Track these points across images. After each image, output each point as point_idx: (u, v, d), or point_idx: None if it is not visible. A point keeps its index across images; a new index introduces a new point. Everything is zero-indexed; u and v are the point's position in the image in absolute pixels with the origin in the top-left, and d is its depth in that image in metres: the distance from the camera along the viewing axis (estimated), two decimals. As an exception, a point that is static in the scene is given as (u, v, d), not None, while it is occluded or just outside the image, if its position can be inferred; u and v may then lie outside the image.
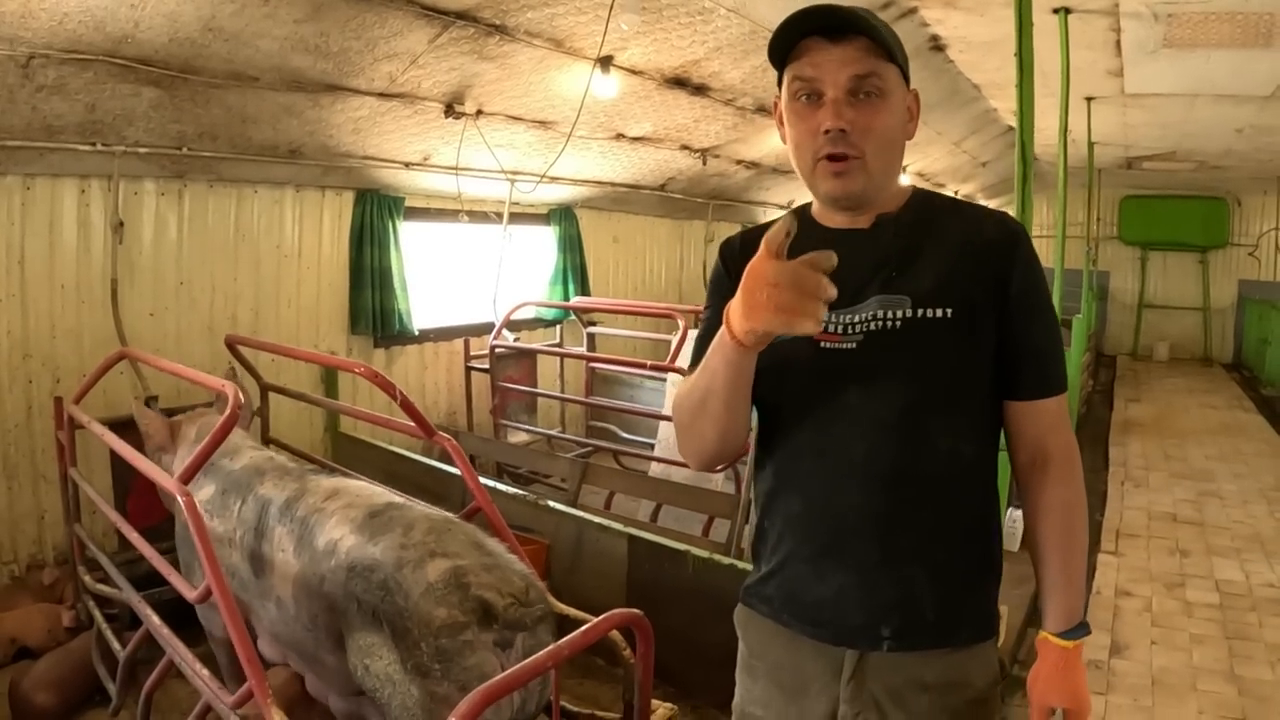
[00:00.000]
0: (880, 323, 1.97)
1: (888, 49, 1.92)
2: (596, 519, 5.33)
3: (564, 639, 2.47)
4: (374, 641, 3.00)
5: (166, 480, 3.18)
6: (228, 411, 3.23)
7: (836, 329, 1.99)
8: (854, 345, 1.98)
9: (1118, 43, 7.80)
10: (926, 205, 2.10)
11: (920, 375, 1.96)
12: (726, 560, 4.61)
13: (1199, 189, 18.08)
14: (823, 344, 2.01)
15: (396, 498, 3.57)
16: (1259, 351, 16.45)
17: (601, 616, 2.58)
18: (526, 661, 2.37)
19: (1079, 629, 2.02)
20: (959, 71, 9.14)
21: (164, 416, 4.47)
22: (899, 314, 1.96)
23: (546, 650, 2.41)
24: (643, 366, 7.54)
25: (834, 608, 2.05)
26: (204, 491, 3.87)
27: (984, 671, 2.08)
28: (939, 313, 1.94)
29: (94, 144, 5.61)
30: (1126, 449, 10.74)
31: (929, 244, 2.02)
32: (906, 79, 2.01)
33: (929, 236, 2.03)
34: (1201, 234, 18.97)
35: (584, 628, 2.54)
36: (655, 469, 7.44)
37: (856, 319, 1.99)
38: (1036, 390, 2.04)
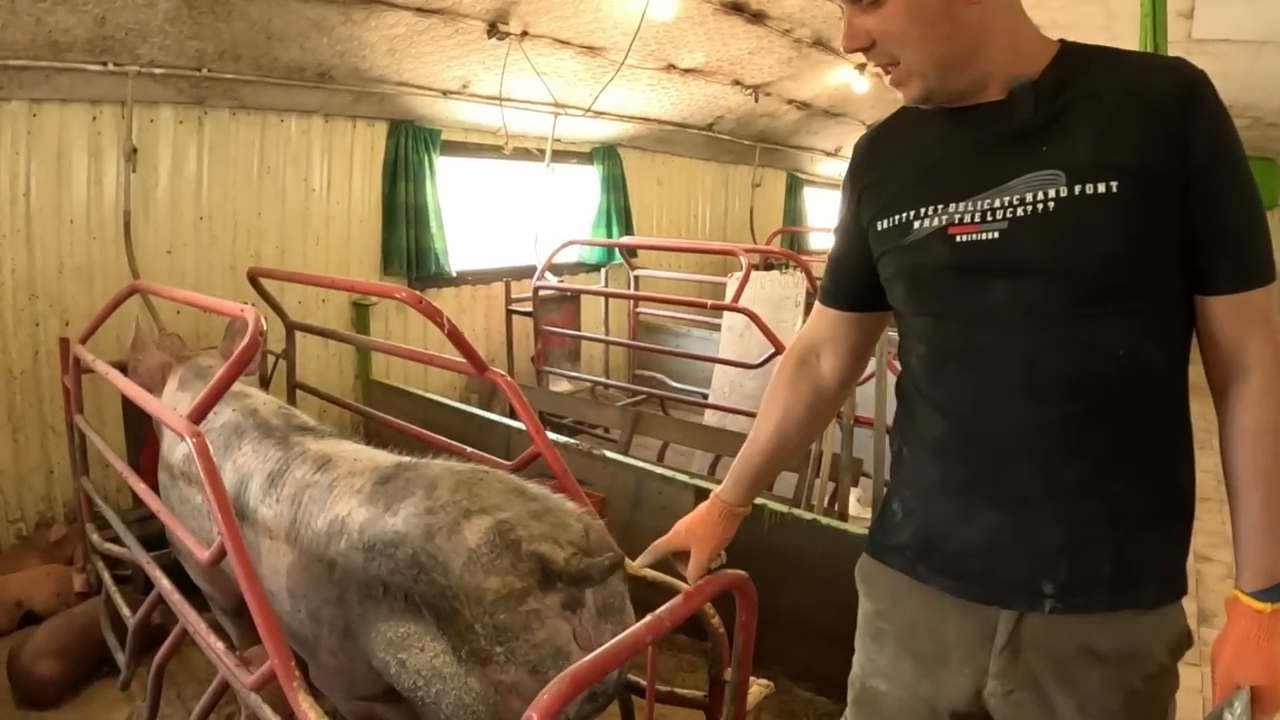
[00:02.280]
0: (1029, 206, 1.63)
1: None
2: (657, 470, 4.94)
3: (662, 608, 2.00)
4: (409, 631, 2.47)
5: (175, 419, 2.71)
6: (247, 338, 2.75)
7: (973, 217, 1.69)
8: (996, 235, 1.66)
9: (1194, -21, 7.31)
10: (1077, 61, 1.69)
11: (1082, 264, 1.61)
12: (808, 516, 4.26)
13: (1249, 149, 16.81)
14: (957, 237, 1.71)
15: (404, 457, 3.02)
16: (1309, 317, 15.85)
17: (703, 579, 2.13)
18: (621, 637, 1.90)
19: None
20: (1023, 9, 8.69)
21: (161, 353, 4.07)
22: (1051, 194, 1.61)
23: (644, 622, 1.94)
24: (703, 306, 7.06)
25: (984, 556, 1.74)
26: (180, 450, 3.45)
27: (1169, 639, 1.71)
28: (1101, 188, 1.58)
29: (105, 63, 5.23)
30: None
31: (1083, 106, 1.64)
32: None
33: (1082, 97, 1.65)
34: (1250, 195, 18.39)
35: (684, 593, 2.08)
36: (710, 418, 7.01)
37: (997, 204, 1.67)
38: (1231, 281, 1.62)
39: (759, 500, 4.23)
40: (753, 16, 7.73)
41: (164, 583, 3.19)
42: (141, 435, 4.93)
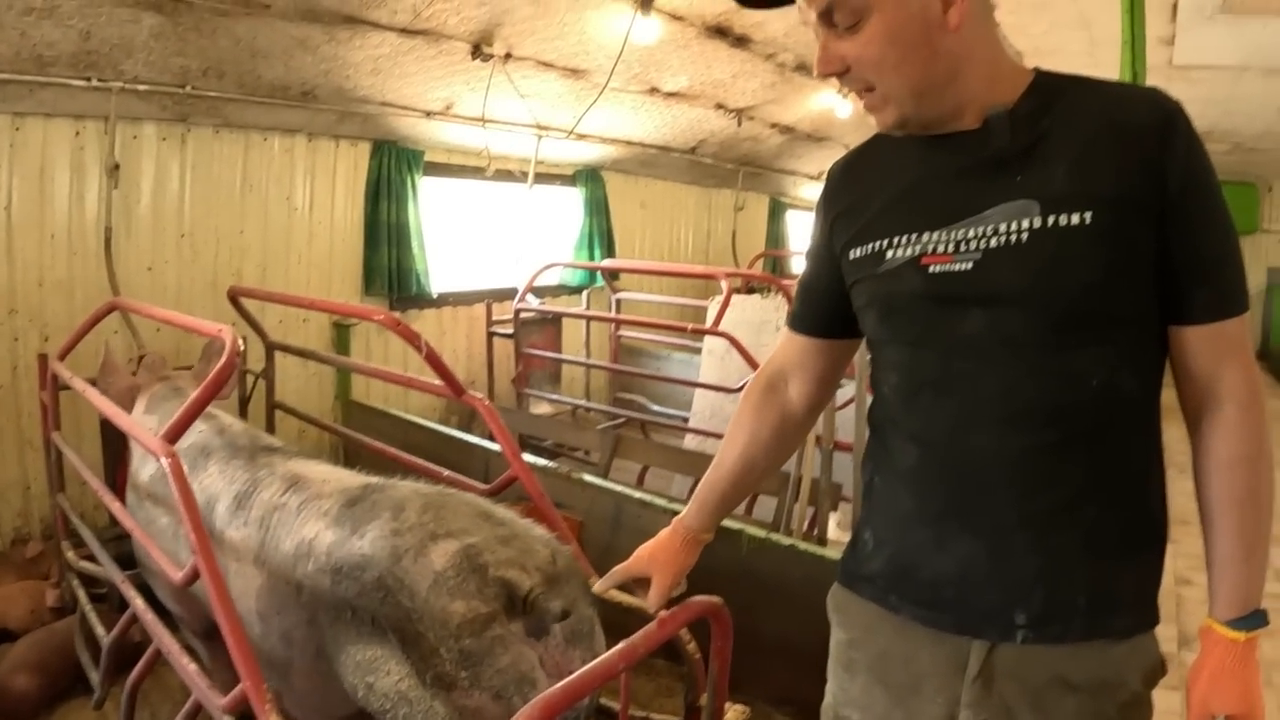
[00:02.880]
0: (1002, 237, 1.62)
1: None
2: (637, 494, 4.91)
3: (636, 634, 1.99)
4: (377, 655, 2.44)
5: (149, 438, 2.68)
6: (224, 359, 2.71)
7: (946, 248, 1.68)
8: (969, 265, 1.65)
9: (1174, 5, 7.31)
10: (1052, 90, 1.68)
11: (1057, 294, 1.60)
12: (786, 541, 4.24)
13: (1229, 173, 17.39)
14: (930, 267, 1.69)
15: (372, 478, 2.99)
16: (1289, 340, 15.84)
17: (678, 606, 2.12)
18: (594, 664, 1.89)
19: (1255, 617, 1.62)
20: (1004, 34, 8.67)
21: (130, 376, 4.10)
22: (1025, 224, 1.61)
23: (617, 649, 1.93)
24: (683, 330, 7.04)
25: (957, 585, 1.72)
26: (148, 470, 3.45)
27: (1144, 668, 1.70)
28: (1075, 218, 1.58)
29: (89, 78, 5.20)
30: (1164, 433, 10.17)
31: (1058, 134, 1.63)
32: None
33: (1058, 125, 1.64)
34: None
35: (659, 619, 2.06)
36: (690, 441, 7.00)
37: (970, 234, 1.66)
38: (1207, 311, 1.63)
39: (737, 524, 4.26)
40: (736, 41, 7.72)
41: (138, 602, 3.15)
42: (119, 453, 4.91)
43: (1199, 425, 1.67)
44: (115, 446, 4.86)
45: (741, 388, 5.84)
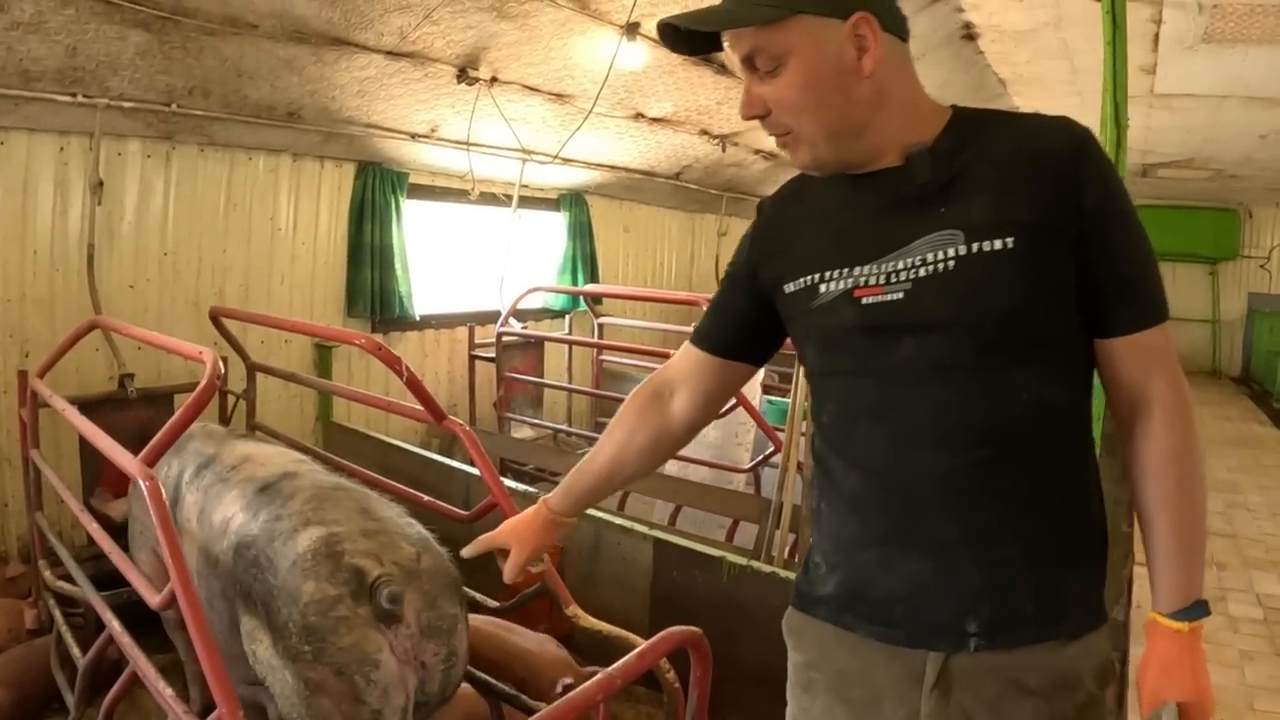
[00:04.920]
0: (930, 266, 1.72)
1: (767, 8, 1.70)
2: (617, 520, 4.90)
3: (614, 665, 2.01)
4: (255, 625, 2.72)
5: (128, 460, 2.71)
6: (204, 381, 2.80)
7: (878, 280, 1.76)
8: (900, 295, 1.74)
9: (1156, 35, 7.39)
10: (969, 124, 1.81)
11: (984, 318, 1.69)
12: (767, 569, 4.24)
13: (1211, 199, 17.70)
14: (863, 299, 1.77)
15: (301, 466, 3.27)
16: (1270, 365, 16.10)
17: (657, 636, 2.13)
18: (572, 694, 1.91)
19: (1196, 608, 1.70)
20: (987, 64, 8.75)
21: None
22: (951, 253, 1.70)
23: (595, 680, 1.95)
24: (665, 356, 6.99)
25: (907, 602, 1.78)
26: None
27: (1095, 667, 1.77)
28: (998, 244, 1.68)
29: (74, 94, 5.17)
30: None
31: (978, 166, 1.75)
32: (843, 8, 1.69)
33: (977, 159, 1.75)
34: (1212, 245, 18.50)
35: (638, 650, 2.08)
36: (672, 468, 6.98)
37: (900, 265, 1.75)
38: (1129, 324, 1.74)
39: (718, 552, 4.24)
40: (721, 67, 7.74)
41: (114, 624, 3.13)
42: (97, 472, 4.89)
43: (1131, 432, 1.77)
44: (94, 465, 4.84)
45: (724, 415, 5.87)
